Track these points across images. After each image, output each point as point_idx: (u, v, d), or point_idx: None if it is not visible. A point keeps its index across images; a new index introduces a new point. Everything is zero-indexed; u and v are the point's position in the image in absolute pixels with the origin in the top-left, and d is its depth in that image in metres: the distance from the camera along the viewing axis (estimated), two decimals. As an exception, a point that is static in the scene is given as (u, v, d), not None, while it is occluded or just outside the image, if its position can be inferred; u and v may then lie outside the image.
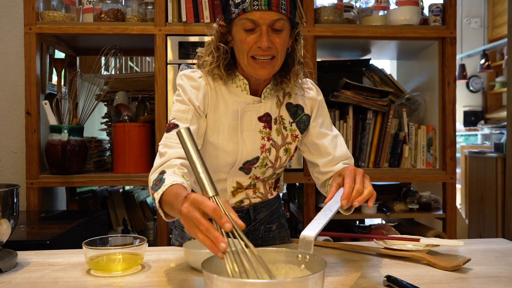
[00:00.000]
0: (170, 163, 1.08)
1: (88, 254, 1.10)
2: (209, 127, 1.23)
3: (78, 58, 2.64)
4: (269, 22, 1.11)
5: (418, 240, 1.25)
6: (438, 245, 1.22)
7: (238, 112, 1.22)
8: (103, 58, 2.34)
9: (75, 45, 2.49)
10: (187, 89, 1.22)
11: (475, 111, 6.77)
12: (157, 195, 0.97)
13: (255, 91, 1.25)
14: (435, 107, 2.28)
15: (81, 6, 2.29)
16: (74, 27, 2.11)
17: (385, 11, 2.30)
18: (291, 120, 1.28)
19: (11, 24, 2.29)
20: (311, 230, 0.92)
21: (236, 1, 1.13)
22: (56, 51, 2.56)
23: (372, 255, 1.24)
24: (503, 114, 6.31)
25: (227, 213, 0.80)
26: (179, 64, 2.09)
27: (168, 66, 2.11)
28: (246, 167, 1.26)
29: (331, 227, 2.34)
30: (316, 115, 1.30)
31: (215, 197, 0.82)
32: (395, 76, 2.73)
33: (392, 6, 2.26)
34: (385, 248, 1.24)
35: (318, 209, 2.22)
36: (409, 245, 1.27)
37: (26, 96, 2.09)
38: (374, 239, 1.30)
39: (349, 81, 2.26)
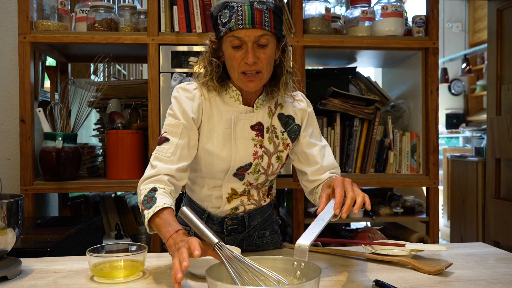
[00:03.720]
0: (160, 179, 1.21)
1: (91, 261, 1.15)
2: (204, 135, 1.30)
3: (70, 65, 2.68)
4: (253, 39, 1.19)
5: (403, 245, 1.33)
6: (422, 250, 1.30)
7: (232, 121, 1.29)
8: (94, 65, 2.38)
9: (67, 52, 2.53)
10: (181, 101, 1.30)
11: (456, 114, 6.94)
12: (148, 214, 1.12)
13: (248, 101, 1.32)
14: (419, 114, 2.38)
15: (73, 14, 2.32)
16: (68, 36, 2.15)
17: (371, 22, 2.38)
18: (283, 130, 1.35)
19: (4, 32, 2.31)
20: (306, 239, 0.99)
21: (223, 20, 1.21)
22: (48, 58, 2.59)
23: (360, 260, 1.31)
24: (484, 116, 6.48)
25: (231, 251, 0.96)
26: (172, 73, 2.14)
27: (161, 74, 2.16)
28: (240, 173, 1.32)
29: (321, 233, 2.41)
30: (306, 126, 1.38)
31: (219, 243, 0.98)
32: (380, 84, 2.82)
33: (378, 17, 2.35)
34: (373, 253, 1.32)
35: (307, 213, 2.29)
36: (395, 250, 1.35)
37: (21, 104, 2.13)
38: (362, 245, 1.37)
39: (336, 89, 2.34)
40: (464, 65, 6.24)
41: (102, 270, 1.15)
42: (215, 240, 0.99)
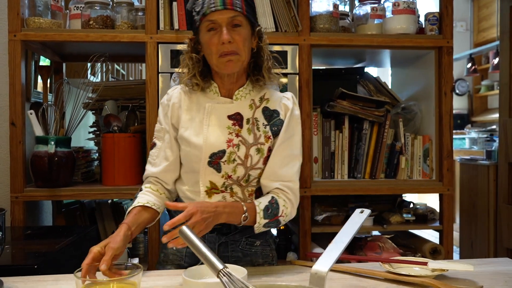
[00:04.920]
0: (148, 181, 1.43)
1: (79, 286, 1.04)
2: (182, 126, 1.38)
3: (64, 65, 2.55)
4: (227, 20, 1.26)
5: (425, 264, 1.21)
6: (446, 270, 1.18)
7: (206, 109, 1.36)
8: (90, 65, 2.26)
9: (61, 51, 2.41)
10: (163, 106, 1.44)
11: (461, 114, 6.81)
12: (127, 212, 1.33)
13: (228, 94, 1.38)
14: (431, 117, 2.25)
15: (68, 11, 2.20)
16: (61, 34, 2.03)
17: (381, 20, 2.26)
18: (266, 123, 1.36)
19: (-5, 29, 2.19)
20: (324, 265, 0.87)
21: (197, 9, 1.30)
22: (42, 58, 2.47)
23: (377, 279, 1.19)
24: (489, 117, 6.35)
25: (237, 279, 0.88)
26: (171, 73, 2.02)
27: (160, 75, 2.04)
28: (214, 161, 1.33)
29: (326, 240, 2.29)
30: (287, 127, 1.37)
31: (224, 269, 0.91)
32: (389, 84, 2.70)
33: (388, 14, 2.23)
34: (391, 272, 1.20)
35: (314, 221, 2.17)
36: (416, 269, 1.23)
37: (11, 106, 2.00)
38: (380, 262, 1.25)
39: (345, 90, 2.22)
40: (469, 64, 6.12)
41: None
42: (220, 266, 0.88)
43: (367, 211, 0.93)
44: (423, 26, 2.29)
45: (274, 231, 3.10)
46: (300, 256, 2.13)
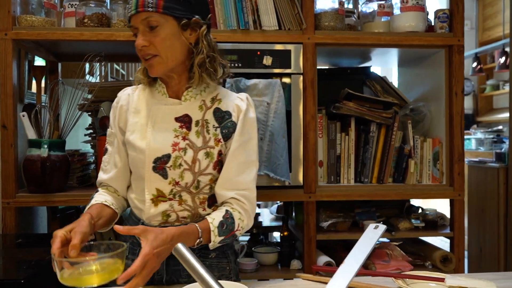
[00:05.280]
0: (101, 186, 1.38)
1: (58, 266, 0.96)
2: (128, 129, 1.31)
3: (60, 64, 2.46)
4: (142, 23, 1.21)
5: (442, 280, 1.12)
6: None
7: (151, 111, 1.30)
8: (87, 66, 2.17)
9: (56, 51, 2.32)
10: (112, 109, 1.38)
11: (466, 114, 6.68)
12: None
13: (177, 94, 1.31)
14: (441, 118, 2.16)
15: (62, 9, 2.11)
16: (55, 33, 1.94)
17: (388, 17, 2.17)
18: (217, 125, 1.29)
19: (-14, 28, 2.10)
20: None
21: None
22: (36, 57, 2.38)
23: (391, 297, 1.10)
24: (494, 117, 6.25)
25: None
26: (170, 73, 1.92)
27: (158, 75, 1.95)
28: (159, 167, 1.25)
29: (332, 248, 2.20)
30: (242, 130, 1.29)
31: None
32: (395, 84, 2.60)
33: (396, 11, 2.13)
34: (406, 289, 1.10)
35: (319, 228, 2.08)
36: (432, 285, 1.13)
37: (2, 108, 1.92)
38: (393, 278, 1.16)
39: (351, 91, 2.12)
40: (475, 64, 6.01)
41: (71, 276, 0.95)
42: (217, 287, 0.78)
43: (382, 227, 0.84)
44: (432, 24, 2.20)
45: (276, 235, 3.01)
46: (304, 264, 2.03)
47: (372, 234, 0.85)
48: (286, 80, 2.00)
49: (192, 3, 1.24)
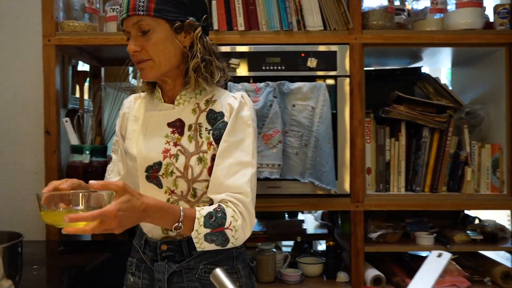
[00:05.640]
0: None
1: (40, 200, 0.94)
2: (127, 137, 1.29)
3: (103, 69, 2.47)
4: (133, 28, 1.16)
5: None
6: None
7: (144, 118, 1.27)
8: (130, 69, 2.16)
9: (99, 55, 2.31)
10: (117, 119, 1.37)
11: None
12: None
13: (172, 100, 1.26)
14: (502, 122, 1.99)
15: (104, 14, 2.10)
16: (96, 38, 1.93)
17: (442, 14, 2.03)
18: (209, 128, 1.22)
19: (32, 35, 2.11)
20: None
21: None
22: (80, 62, 2.39)
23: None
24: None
25: None
26: (211, 77, 1.87)
27: (199, 79, 1.90)
28: (152, 175, 1.21)
29: (381, 259, 2.08)
30: (232, 130, 1.19)
31: None
32: (449, 86, 2.45)
33: (451, 8, 1.99)
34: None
35: (367, 239, 1.97)
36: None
37: (45, 114, 1.92)
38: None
39: (401, 94, 2.00)
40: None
41: (52, 213, 0.94)
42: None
43: (446, 256, 0.73)
44: (491, 20, 2.04)
45: (321, 242, 2.89)
46: (352, 277, 1.92)
47: (436, 264, 0.74)
48: (331, 82, 1.90)
49: (186, 4, 1.19)
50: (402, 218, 2.08)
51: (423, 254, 2.11)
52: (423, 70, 2.39)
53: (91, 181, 0.97)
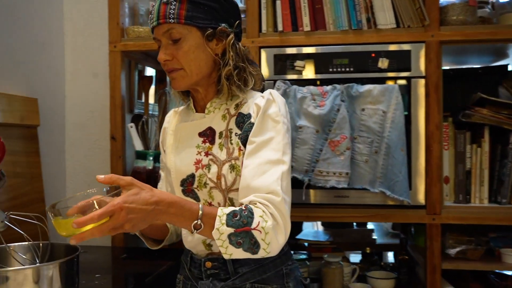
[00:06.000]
0: None
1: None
2: (166, 152, 1.27)
3: (168, 74, 2.47)
4: (162, 36, 1.14)
5: None
6: None
7: (176, 130, 1.25)
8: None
9: (164, 60, 2.31)
10: None
11: None
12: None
13: (204, 108, 1.23)
14: None
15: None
16: (160, 43, 1.91)
17: (532, 5, 1.82)
18: (239, 132, 1.16)
19: (100, 41, 2.16)
20: None
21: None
22: (148, 67, 2.41)
23: None
24: None
25: None
26: (275, 81, 1.79)
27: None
28: (187, 189, 1.17)
29: (460, 277, 1.90)
30: (259, 129, 1.11)
31: None
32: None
33: (543, -2, 1.78)
34: None
35: (445, 255, 1.80)
36: None
37: (111, 119, 1.94)
38: None
39: (485, 95, 1.81)
40: None
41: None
42: None
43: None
44: None
45: (389, 252, 2.72)
46: (426, 295, 1.77)
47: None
48: (403, 83, 1.76)
49: (218, 11, 1.15)
50: (485, 232, 1.88)
51: (510, 273, 1.90)
52: (510, 68, 2.16)
53: (98, 176, 0.94)
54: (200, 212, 0.98)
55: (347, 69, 1.78)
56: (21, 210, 1.06)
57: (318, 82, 1.80)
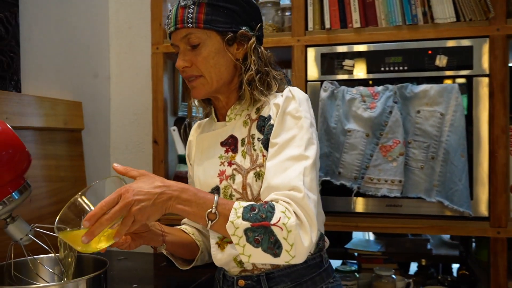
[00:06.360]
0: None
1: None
2: (192, 165, 1.24)
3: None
4: (180, 42, 1.08)
5: None
6: None
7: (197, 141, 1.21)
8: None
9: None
10: None
11: None
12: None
13: (225, 116, 1.17)
14: None
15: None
16: (203, 44, 1.85)
17: None
18: (261, 137, 1.08)
19: (144, 43, 2.13)
20: None
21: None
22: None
23: None
24: None
25: None
26: (321, 82, 1.69)
27: (308, 84, 1.73)
28: None
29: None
30: (279, 131, 1.03)
31: None
32: None
33: None
34: None
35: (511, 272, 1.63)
36: None
37: (153, 123, 1.90)
38: None
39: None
40: None
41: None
42: None
43: None
44: None
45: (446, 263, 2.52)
46: (490, 316, 1.60)
47: None
48: (462, 82, 1.60)
49: (238, 13, 1.09)
50: (559, 248, 1.69)
51: None
52: None
53: (114, 164, 0.96)
54: (216, 200, 0.92)
55: (401, 68, 1.65)
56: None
57: (370, 82, 1.68)
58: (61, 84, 1.86)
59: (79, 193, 0.89)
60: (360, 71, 1.68)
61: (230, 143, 1.12)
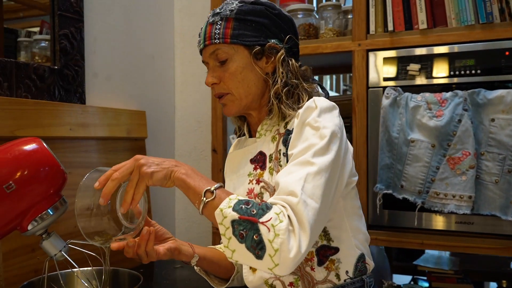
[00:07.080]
0: None
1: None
2: None
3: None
4: (209, 58, 1.08)
5: None
6: None
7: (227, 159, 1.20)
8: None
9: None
10: None
11: None
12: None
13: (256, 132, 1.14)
14: None
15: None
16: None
17: None
18: (285, 151, 1.03)
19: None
20: None
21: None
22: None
23: None
24: None
25: None
26: (384, 88, 1.58)
27: (369, 90, 1.63)
28: None
29: None
30: (296, 143, 0.96)
31: None
32: None
33: None
34: None
35: None
36: None
37: (213, 131, 1.91)
38: None
39: None
40: None
41: None
42: None
43: None
44: None
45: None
46: None
47: None
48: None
49: (267, 26, 1.06)
50: None
51: None
52: None
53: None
54: (220, 184, 0.91)
55: (473, 72, 1.50)
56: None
57: (437, 88, 1.55)
58: (125, 95, 1.92)
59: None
60: (425, 76, 1.56)
61: (259, 160, 1.09)
